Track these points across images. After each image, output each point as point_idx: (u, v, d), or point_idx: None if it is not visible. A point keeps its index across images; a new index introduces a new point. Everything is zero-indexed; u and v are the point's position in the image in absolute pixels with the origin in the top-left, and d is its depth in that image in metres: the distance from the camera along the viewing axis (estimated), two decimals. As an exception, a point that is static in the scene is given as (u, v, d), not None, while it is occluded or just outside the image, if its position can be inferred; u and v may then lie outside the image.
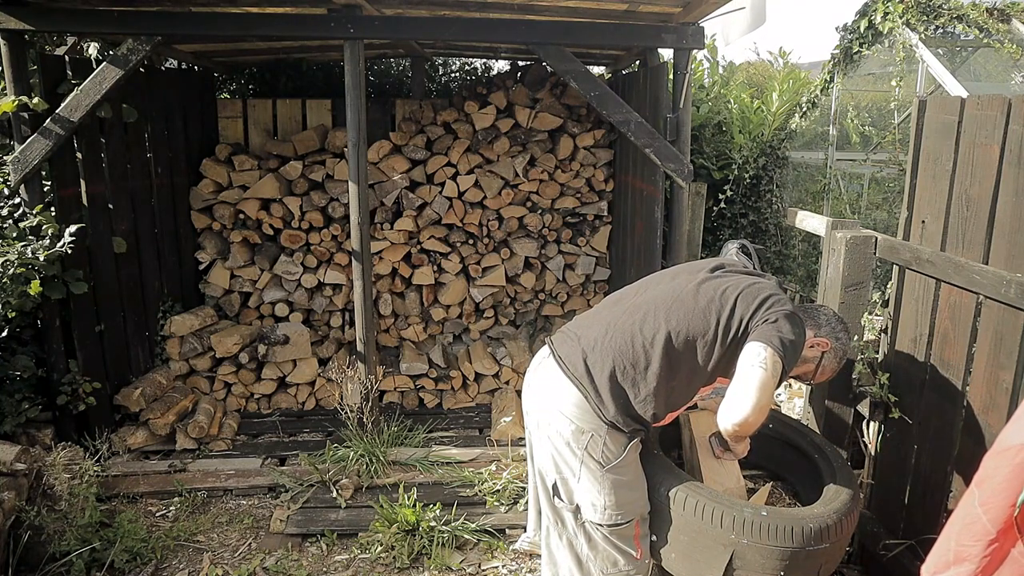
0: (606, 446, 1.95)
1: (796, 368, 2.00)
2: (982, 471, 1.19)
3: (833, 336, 2.02)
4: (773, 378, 1.76)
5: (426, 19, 3.43)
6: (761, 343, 1.79)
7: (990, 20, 4.83)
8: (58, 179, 3.32)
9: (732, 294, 1.94)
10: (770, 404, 1.78)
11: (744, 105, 5.96)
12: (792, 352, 1.81)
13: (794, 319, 1.87)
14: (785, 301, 1.92)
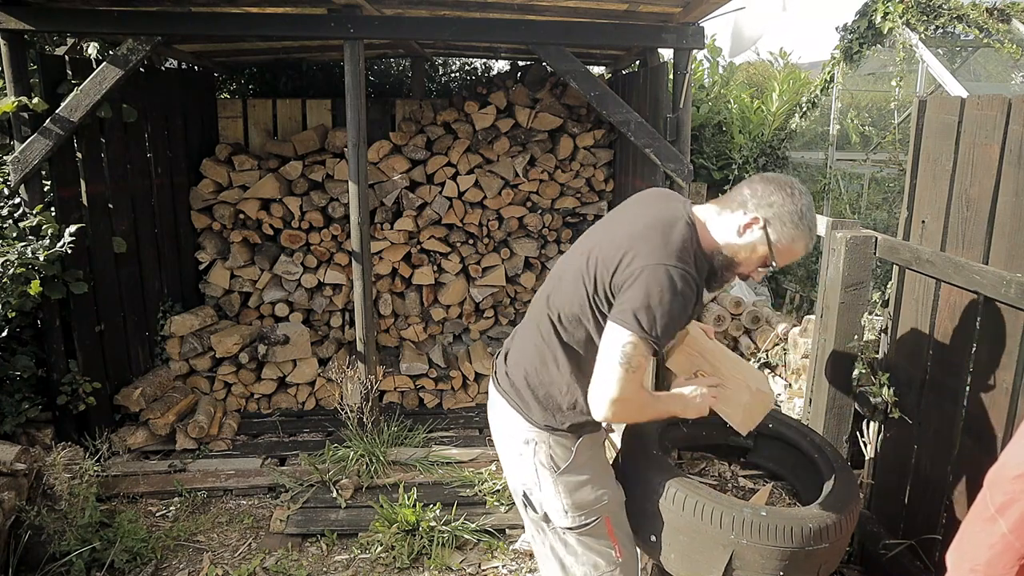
0: (552, 451, 1.85)
1: (740, 266, 1.72)
2: (1002, 496, 1.16)
3: (763, 207, 1.66)
4: (631, 371, 1.56)
5: (426, 19, 3.43)
6: (617, 324, 1.56)
7: (990, 20, 4.83)
8: (58, 179, 3.32)
9: (595, 257, 1.69)
10: (639, 391, 1.61)
11: (744, 105, 5.96)
12: (661, 315, 1.54)
13: (664, 268, 1.56)
14: (656, 238, 1.62)
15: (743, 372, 1.90)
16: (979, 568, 1.17)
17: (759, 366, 3.83)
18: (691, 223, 1.67)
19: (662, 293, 1.54)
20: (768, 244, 1.66)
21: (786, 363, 3.73)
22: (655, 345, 1.55)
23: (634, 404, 1.62)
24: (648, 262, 1.57)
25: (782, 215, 1.64)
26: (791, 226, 1.65)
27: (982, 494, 1.20)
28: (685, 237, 1.63)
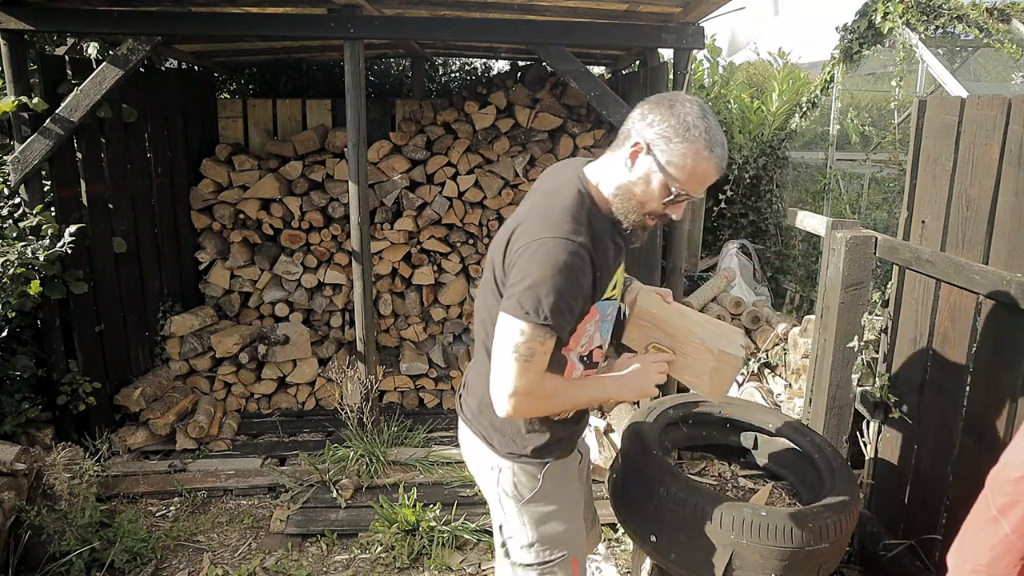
0: (516, 478, 1.67)
1: (645, 204, 1.49)
2: (1004, 497, 1.16)
3: (643, 129, 1.44)
4: (526, 361, 1.40)
5: (426, 19, 3.43)
6: (504, 312, 1.41)
7: (990, 20, 4.83)
8: (58, 179, 3.32)
9: (493, 247, 1.56)
10: (540, 383, 1.44)
11: (744, 105, 5.96)
12: (547, 294, 1.36)
13: (544, 242, 1.40)
14: (539, 211, 1.47)
15: (706, 334, 1.70)
16: (981, 569, 1.17)
17: (759, 367, 3.83)
18: (582, 185, 1.50)
19: (544, 271, 1.37)
20: (660, 168, 1.42)
21: (786, 363, 3.73)
22: (549, 329, 1.39)
23: (537, 397, 1.44)
24: (530, 238, 1.41)
25: (665, 132, 1.41)
26: (679, 140, 1.39)
27: (983, 495, 1.20)
28: (571, 203, 1.46)
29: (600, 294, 1.54)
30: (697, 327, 1.72)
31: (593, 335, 1.62)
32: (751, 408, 2.59)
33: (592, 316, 1.56)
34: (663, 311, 1.75)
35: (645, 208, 1.49)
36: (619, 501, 2.21)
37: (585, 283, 1.43)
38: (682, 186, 1.43)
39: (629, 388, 1.59)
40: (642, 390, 1.60)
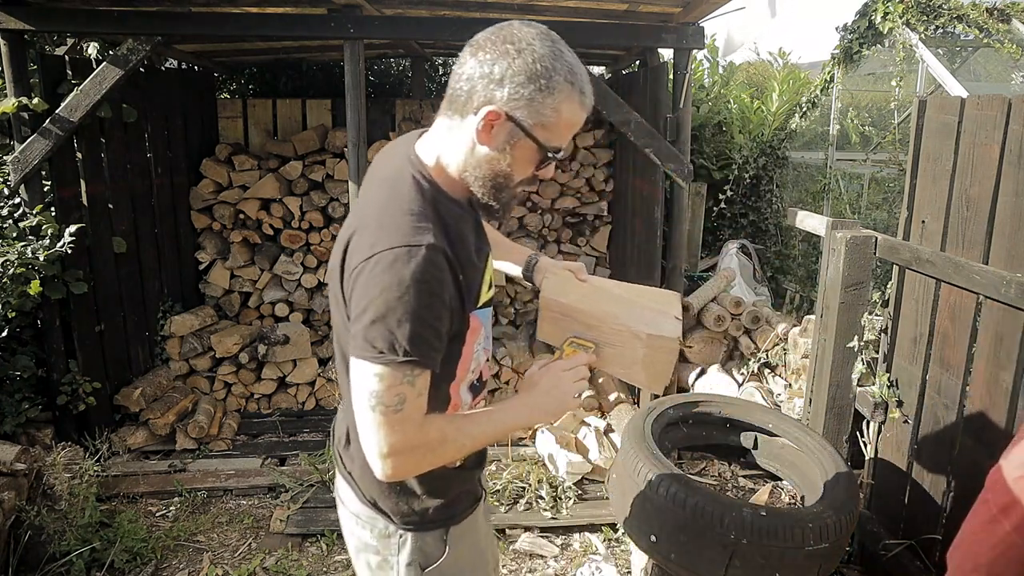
0: (414, 550, 1.33)
1: (512, 177, 1.20)
2: (1005, 497, 1.15)
3: (493, 90, 1.12)
4: (393, 412, 1.09)
5: (426, 19, 3.43)
6: (354, 357, 1.11)
7: (990, 20, 4.83)
8: (58, 179, 3.32)
9: (331, 263, 1.25)
10: (420, 433, 1.13)
11: (744, 105, 5.97)
12: (400, 321, 1.06)
13: (382, 257, 1.08)
14: (372, 217, 1.16)
15: (630, 315, 1.44)
16: (981, 568, 1.17)
17: (759, 367, 3.83)
18: (416, 170, 1.20)
19: (389, 293, 1.06)
20: (527, 134, 1.14)
21: (786, 363, 3.73)
22: (414, 365, 1.08)
23: (423, 450, 1.14)
24: (365, 254, 1.10)
25: (522, 88, 1.10)
26: (543, 94, 1.11)
27: (983, 495, 1.20)
28: (408, 196, 1.16)
29: (474, 301, 1.23)
30: (619, 307, 1.45)
31: (479, 353, 1.34)
32: (751, 408, 2.59)
33: (476, 331, 1.27)
34: (575, 296, 1.48)
35: (514, 181, 1.21)
36: (619, 501, 2.21)
37: (447, 295, 1.12)
38: (555, 143, 1.17)
39: (541, 409, 1.28)
40: (559, 407, 1.29)
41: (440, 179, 1.21)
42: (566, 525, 3.04)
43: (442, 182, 1.21)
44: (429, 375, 1.13)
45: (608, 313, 1.44)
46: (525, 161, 1.19)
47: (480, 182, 1.19)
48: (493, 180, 1.18)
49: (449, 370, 1.23)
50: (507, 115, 1.12)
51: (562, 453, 3.28)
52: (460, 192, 1.23)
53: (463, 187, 1.21)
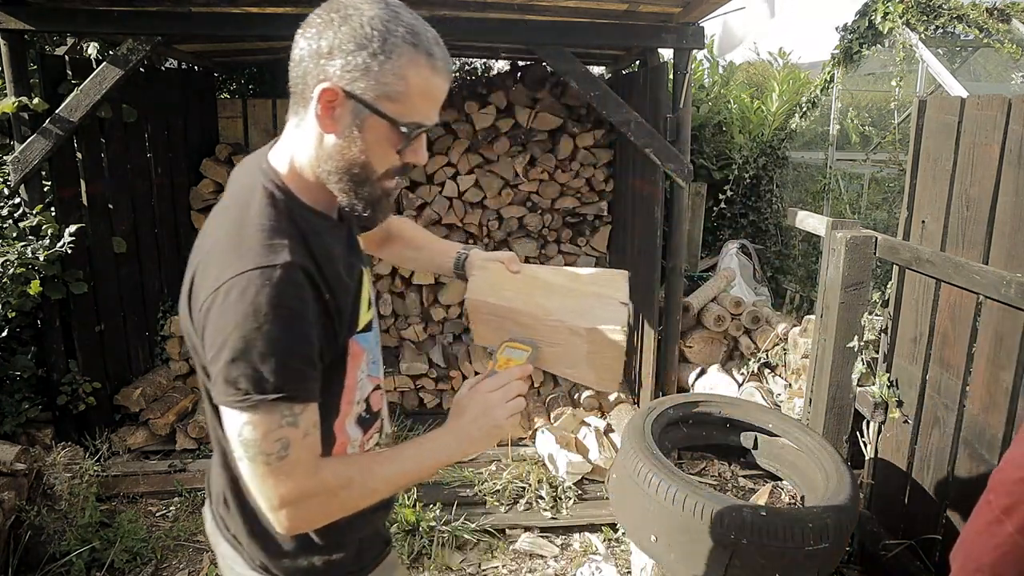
0: None
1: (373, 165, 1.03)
2: (1007, 498, 1.14)
3: (324, 67, 0.96)
4: (277, 460, 0.94)
5: (425, 19, 3.42)
6: (224, 406, 0.95)
7: (990, 20, 4.83)
8: (58, 179, 3.32)
9: (181, 300, 1.04)
10: (314, 480, 0.97)
11: (744, 105, 5.97)
12: (263, 355, 0.91)
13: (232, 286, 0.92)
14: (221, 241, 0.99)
15: (567, 308, 1.28)
16: (985, 569, 1.17)
17: (759, 367, 3.83)
18: (269, 180, 1.03)
19: (245, 325, 0.90)
20: (373, 110, 0.97)
21: (786, 363, 3.73)
22: (292, 403, 0.94)
23: (323, 498, 0.98)
24: (214, 284, 0.93)
25: (355, 58, 0.94)
26: (379, 60, 0.94)
27: (986, 496, 1.20)
28: (259, 211, 0.99)
29: (351, 324, 1.08)
30: (554, 300, 1.28)
31: (365, 382, 1.17)
32: (751, 408, 2.59)
33: (358, 358, 1.12)
34: (506, 293, 1.31)
35: (377, 171, 1.03)
36: (619, 501, 2.21)
37: (313, 317, 0.97)
38: (412, 117, 0.99)
39: (470, 439, 1.11)
40: (490, 435, 1.12)
41: (297, 187, 1.04)
42: (566, 525, 3.04)
43: (299, 190, 1.04)
44: (315, 409, 0.98)
45: (542, 308, 1.27)
46: (381, 144, 1.00)
47: (336, 177, 1.02)
48: (349, 173, 1.01)
49: (330, 405, 1.07)
50: (344, 91, 0.96)
51: (562, 453, 3.28)
52: (324, 202, 1.06)
53: (327, 195, 1.05)
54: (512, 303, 1.30)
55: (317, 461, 0.99)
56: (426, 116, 1.01)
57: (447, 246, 1.48)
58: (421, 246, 1.49)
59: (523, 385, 1.16)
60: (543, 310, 1.27)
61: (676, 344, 3.74)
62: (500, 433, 1.12)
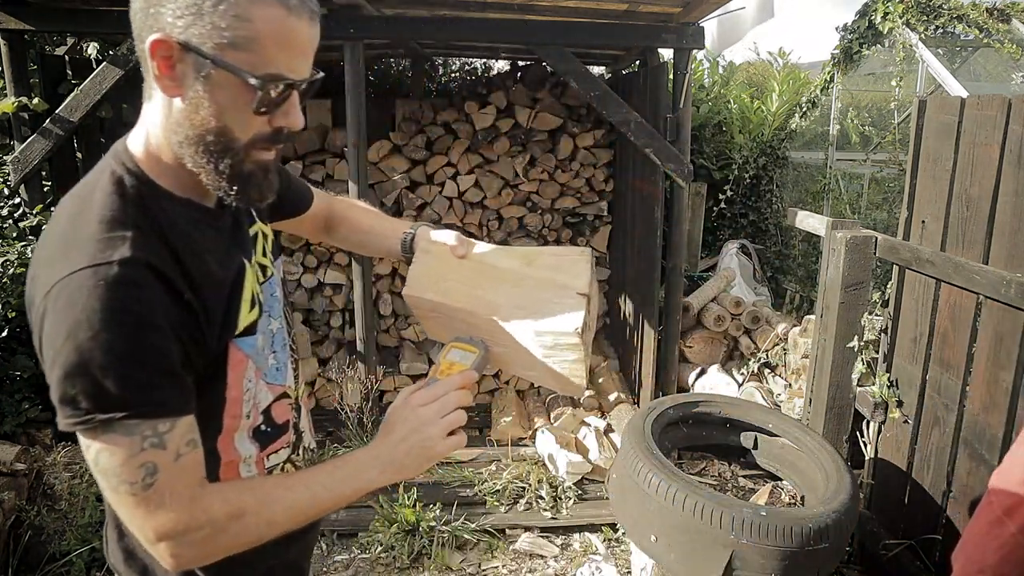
0: None
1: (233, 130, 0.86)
2: (1009, 499, 1.15)
3: (153, 15, 0.82)
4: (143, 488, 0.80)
5: (426, 19, 3.43)
6: (72, 431, 0.80)
7: (990, 20, 4.83)
8: (58, 179, 3.32)
9: None
10: (194, 507, 0.83)
11: (744, 105, 5.97)
12: (105, 367, 0.77)
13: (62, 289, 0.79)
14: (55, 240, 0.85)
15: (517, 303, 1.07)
16: (987, 571, 1.17)
17: (759, 367, 3.83)
18: (120, 163, 0.88)
19: (77, 332, 0.76)
20: (215, 61, 0.80)
21: (786, 363, 3.73)
22: (149, 418, 0.79)
23: (207, 532, 0.84)
24: (44, 289, 0.80)
25: (182, 4, 0.79)
26: (214, 3, 0.79)
27: (987, 497, 1.20)
28: (101, 202, 0.84)
29: (226, 326, 0.91)
30: (503, 294, 1.08)
31: (258, 391, 1.00)
32: (751, 408, 2.59)
33: (240, 365, 0.95)
34: (444, 287, 1.12)
35: (240, 139, 0.86)
36: (619, 501, 2.21)
37: (164, 320, 0.81)
38: (266, 69, 0.82)
39: (396, 465, 0.93)
40: (420, 459, 0.94)
41: (154, 170, 0.89)
42: (566, 525, 3.04)
43: (158, 174, 0.89)
44: (189, 425, 0.83)
45: (485, 303, 1.07)
46: (236, 105, 0.83)
47: (190, 150, 0.85)
48: (203, 143, 0.84)
49: (208, 419, 0.91)
50: (179, 42, 0.80)
51: (562, 453, 3.28)
52: (192, 186, 0.90)
53: (195, 178, 0.88)
54: (452, 299, 1.09)
55: (198, 487, 0.84)
56: (287, 67, 0.84)
57: (394, 226, 1.29)
58: (368, 229, 1.31)
59: (464, 396, 0.98)
60: (487, 306, 1.07)
61: (676, 344, 3.74)
62: (433, 455, 0.94)
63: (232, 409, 0.96)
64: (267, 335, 1.01)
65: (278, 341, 1.05)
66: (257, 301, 0.99)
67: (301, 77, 0.86)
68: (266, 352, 1.01)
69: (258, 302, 0.99)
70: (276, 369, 1.04)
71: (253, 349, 0.97)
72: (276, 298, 1.07)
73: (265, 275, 1.04)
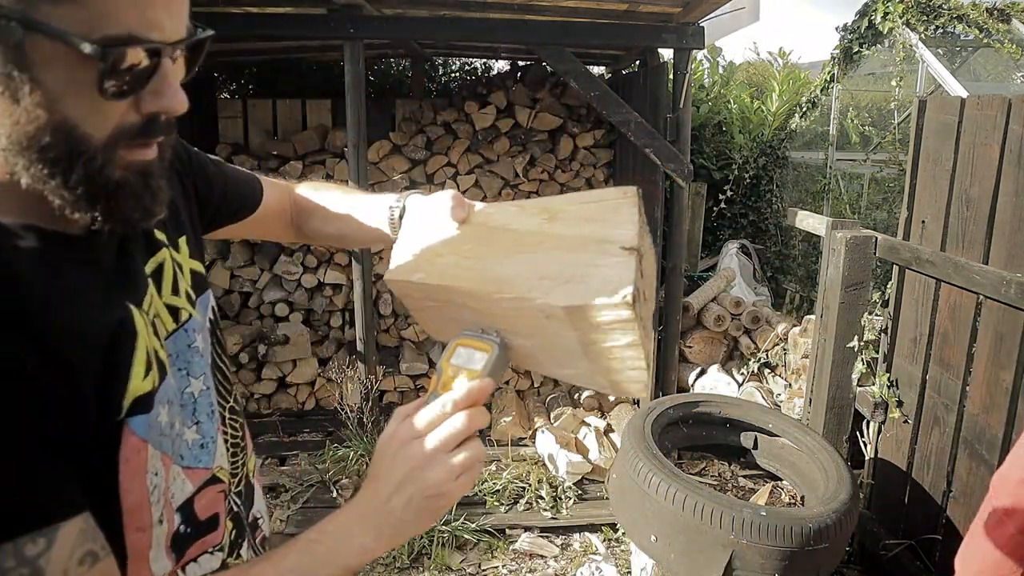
0: None
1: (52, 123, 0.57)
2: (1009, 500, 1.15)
3: None
4: None
5: (426, 19, 3.43)
6: None
7: (990, 20, 4.83)
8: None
9: None
10: None
11: (744, 105, 5.97)
12: None
13: None
14: None
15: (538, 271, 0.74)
16: (988, 571, 1.17)
17: (759, 367, 3.83)
18: None
19: None
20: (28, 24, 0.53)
21: (786, 363, 3.73)
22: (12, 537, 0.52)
23: None
24: None
25: None
26: None
27: (988, 498, 1.20)
28: None
29: (109, 402, 0.64)
30: (518, 262, 0.76)
31: (171, 483, 0.72)
32: (751, 408, 2.59)
33: (137, 455, 0.66)
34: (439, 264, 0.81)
35: (93, 136, 0.59)
36: (619, 501, 2.21)
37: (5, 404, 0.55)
38: (108, 28, 0.55)
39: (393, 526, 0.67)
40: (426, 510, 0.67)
41: None
42: (566, 525, 3.04)
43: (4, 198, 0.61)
44: (76, 533, 0.57)
45: (499, 281, 0.75)
46: (70, 85, 0.57)
47: (22, 160, 0.58)
48: (35, 147, 0.58)
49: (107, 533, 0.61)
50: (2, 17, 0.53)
51: (562, 453, 3.28)
52: (40, 208, 0.62)
53: (45, 203, 0.61)
54: (449, 279, 0.78)
55: None
56: (139, 23, 0.57)
57: (378, 202, 0.98)
58: (345, 214, 1.03)
59: (476, 417, 0.69)
60: (497, 283, 0.75)
61: (676, 344, 3.74)
62: (441, 506, 0.67)
63: (136, 520, 0.66)
64: (175, 406, 0.73)
65: (202, 408, 0.77)
66: (154, 362, 0.69)
67: (165, 37, 0.58)
68: (178, 428, 0.73)
69: (156, 363, 0.69)
70: (200, 446, 0.76)
71: (153, 429, 0.68)
72: (197, 350, 0.78)
73: (178, 321, 0.76)
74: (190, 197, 0.88)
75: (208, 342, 0.83)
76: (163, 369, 0.71)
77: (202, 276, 0.87)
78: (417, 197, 0.94)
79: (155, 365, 0.69)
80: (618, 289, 0.69)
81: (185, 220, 0.83)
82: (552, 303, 0.71)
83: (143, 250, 0.75)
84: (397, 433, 0.69)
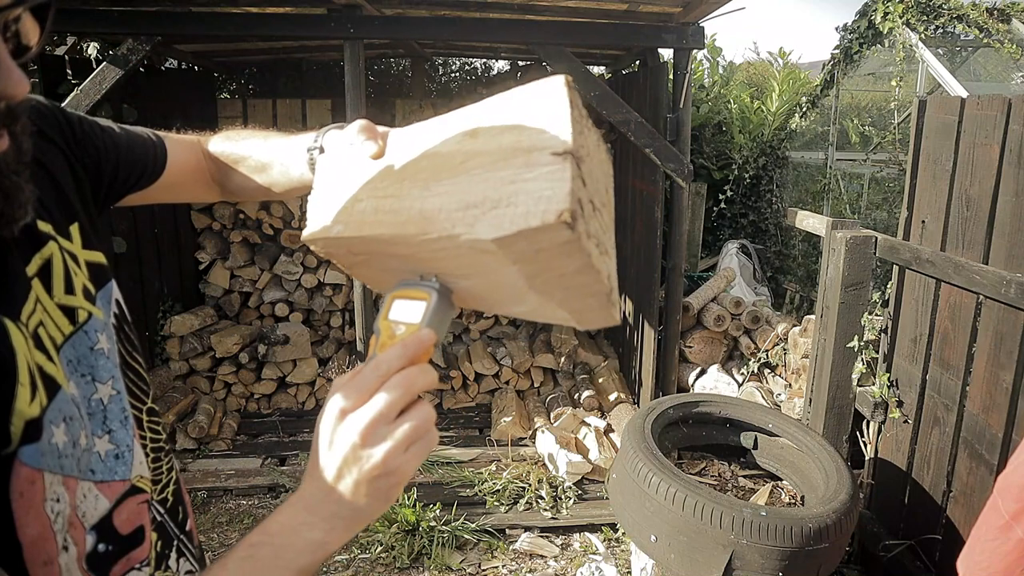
0: None
1: None
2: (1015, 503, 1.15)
3: None
4: None
5: (426, 19, 3.43)
6: None
7: (990, 20, 4.83)
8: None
9: None
10: None
11: (744, 105, 5.97)
12: None
13: None
14: None
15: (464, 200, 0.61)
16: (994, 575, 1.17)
17: (759, 367, 3.83)
18: None
19: None
20: None
21: (786, 363, 3.73)
22: None
23: None
24: None
25: None
26: None
27: (993, 501, 1.20)
28: None
29: None
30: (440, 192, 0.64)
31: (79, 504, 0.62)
32: (751, 408, 2.59)
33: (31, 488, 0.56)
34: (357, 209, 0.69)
35: None
36: (619, 501, 2.21)
37: None
38: None
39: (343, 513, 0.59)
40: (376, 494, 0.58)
41: None
42: (566, 525, 3.04)
43: None
44: None
45: (422, 218, 0.64)
46: None
47: None
48: None
49: None
50: None
51: (562, 453, 3.28)
52: None
53: None
54: (369, 227, 0.67)
55: None
56: None
57: (297, 146, 0.87)
58: (266, 164, 0.91)
59: (420, 375, 0.61)
60: (420, 222, 0.64)
61: (676, 344, 3.74)
62: (393, 484, 0.58)
63: (40, 554, 0.58)
64: (78, 419, 0.63)
65: (113, 415, 0.68)
66: (39, 380, 0.59)
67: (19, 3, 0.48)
68: (85, 442, 0.63)
69: (41, 380, 0.59)
70: (115, 456, 0.68)
71: (47, 456, 0.58)
72: (102, 352, 0.69)
73: (75, 322, 0.66)
74: (79, 175, 0.74)
75: (114, 340, 0.71)
76: (52, 385, 0.60)
77: (102, 266, 0.73)
78: (335, 133, 0.81)
79: (40, 383, 0.59)
80: (552, 206, 0.56)
81: (76, 203, 0.71)
82: (480, 236, 0.59)
83: (23, 247, 0.62)
84: (331, 408, 0.60)
